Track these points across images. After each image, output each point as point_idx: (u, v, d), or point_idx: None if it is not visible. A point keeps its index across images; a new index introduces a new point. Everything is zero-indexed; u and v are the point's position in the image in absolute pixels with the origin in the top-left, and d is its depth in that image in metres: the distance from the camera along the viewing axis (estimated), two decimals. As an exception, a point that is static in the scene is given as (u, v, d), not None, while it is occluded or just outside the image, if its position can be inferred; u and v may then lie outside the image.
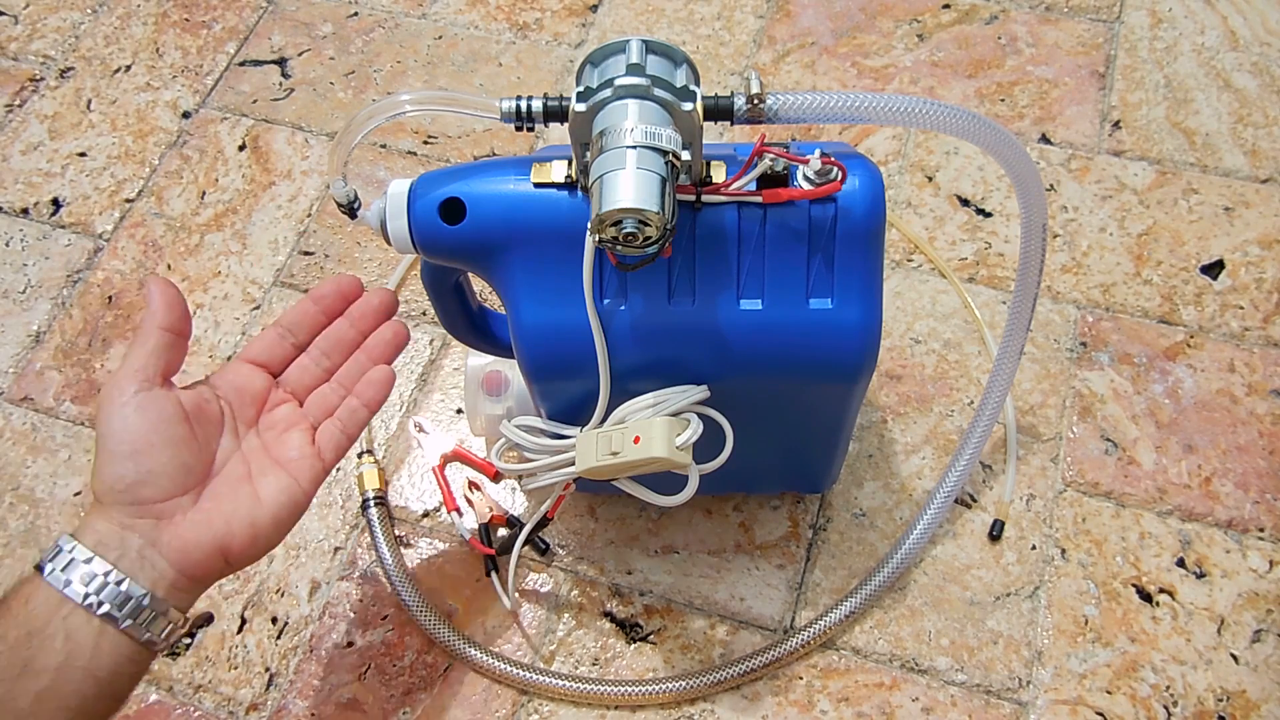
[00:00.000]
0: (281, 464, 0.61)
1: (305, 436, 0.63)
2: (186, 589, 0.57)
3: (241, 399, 0.63)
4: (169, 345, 0.59)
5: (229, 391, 0.62)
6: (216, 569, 0.58)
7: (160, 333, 0.59)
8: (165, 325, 0.59)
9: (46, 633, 0.53)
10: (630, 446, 0.60)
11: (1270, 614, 0.77)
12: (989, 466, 0.84)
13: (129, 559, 0.55)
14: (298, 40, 1.12)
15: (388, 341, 0.67)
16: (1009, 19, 1.08)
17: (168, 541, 0.56)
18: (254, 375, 0.64)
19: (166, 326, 0.59)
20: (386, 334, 0.67)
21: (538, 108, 0.57)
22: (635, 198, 0.51)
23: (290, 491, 0.60)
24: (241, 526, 0.58)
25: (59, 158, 1.06)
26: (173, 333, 0.60)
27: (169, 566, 0.56)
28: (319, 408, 0.65)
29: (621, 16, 1.11)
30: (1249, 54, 1.04)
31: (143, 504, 0.56)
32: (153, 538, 0.56)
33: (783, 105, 0.56)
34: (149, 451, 0.57)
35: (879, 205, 0.59)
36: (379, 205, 0.61)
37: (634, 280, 0.59)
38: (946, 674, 0.76)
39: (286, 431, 0.62)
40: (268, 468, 0.61)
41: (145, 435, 0.57)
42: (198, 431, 0.59)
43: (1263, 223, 0.94)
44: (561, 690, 0.76)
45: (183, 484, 0.58)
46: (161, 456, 0.57)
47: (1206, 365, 0.87)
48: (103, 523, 0.56)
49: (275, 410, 0.64)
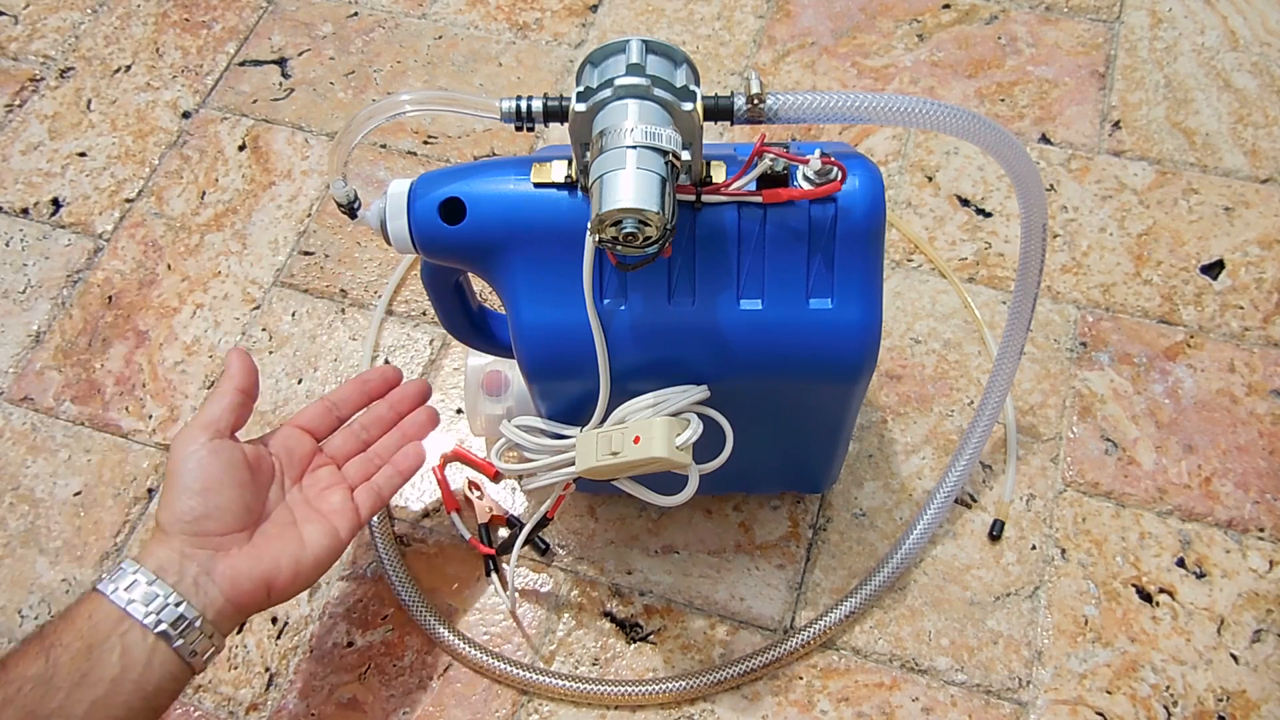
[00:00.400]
0: (323, 515, 0.69)
1: (345, 495, 0.71)
2: (230, 616, 0.63)
3: (290, 458, 0.71)
4: (240, 405, 0.68)
5: (280, 450, 0.71)
6: (260, 600, 0.65)
7: (235, 393, 0.68)
8: (240, 388, 0.68)
9: (105, 646, 0.58)
10: (630, 446, 0.60)
11: (1270, 614, 0.77)
12: (989, 466, 0.84)
13: (186, 583, 0.61)
14: (298, 40, 1.12)
15: (421, 424, 0.78)
16: (1009, 19, 1.08)
17: (222, 571, 0.63)
18: (302, 439, 0.73)
19: (241, 389, 0.68)
20: (421, 417, 0.78)
21: (538, 108, 0.57)
22: (635, 198, 0.51)
23: (331, 538, 0.68)
24: (287, 564, 0.65)
25: (59, 158, 1.06)
26: (244, 394, 0.68)
27: (219, 594, 0.62)
28: (356, 473, 0.73)
29: (621, 16, 1.11)
30: (1249, 54, 1.04)
31: (205, 535, 0.63)
32: (209, 567, 0.63)
33: (783, 105, 0.56)
34: (217, 490, 0.64)
35: (879, 205, 0.59)
36: (379, 205, 0.61)
37: (634, 280, 0.59)
38: (946, 674, 0.76)
39: (327, 489, 0.71)
40: (311, 517, 0.69)
41: (215, 476, 0.65)
42: (256, 479, 0.67)
43: (1263, 223, 0.94)
44: (561, 690, 0.76)
45: (241, 522, 0.65)
46: (227, 495, 0.65)
47: (1206, 365, 0.87)
48: (164, 550, 0.62)
49: (318, 471, 0.72)
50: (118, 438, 0.90)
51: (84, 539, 0.85)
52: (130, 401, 0.91)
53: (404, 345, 0.93)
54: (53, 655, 0.57)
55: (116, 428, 0.90)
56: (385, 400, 0.77)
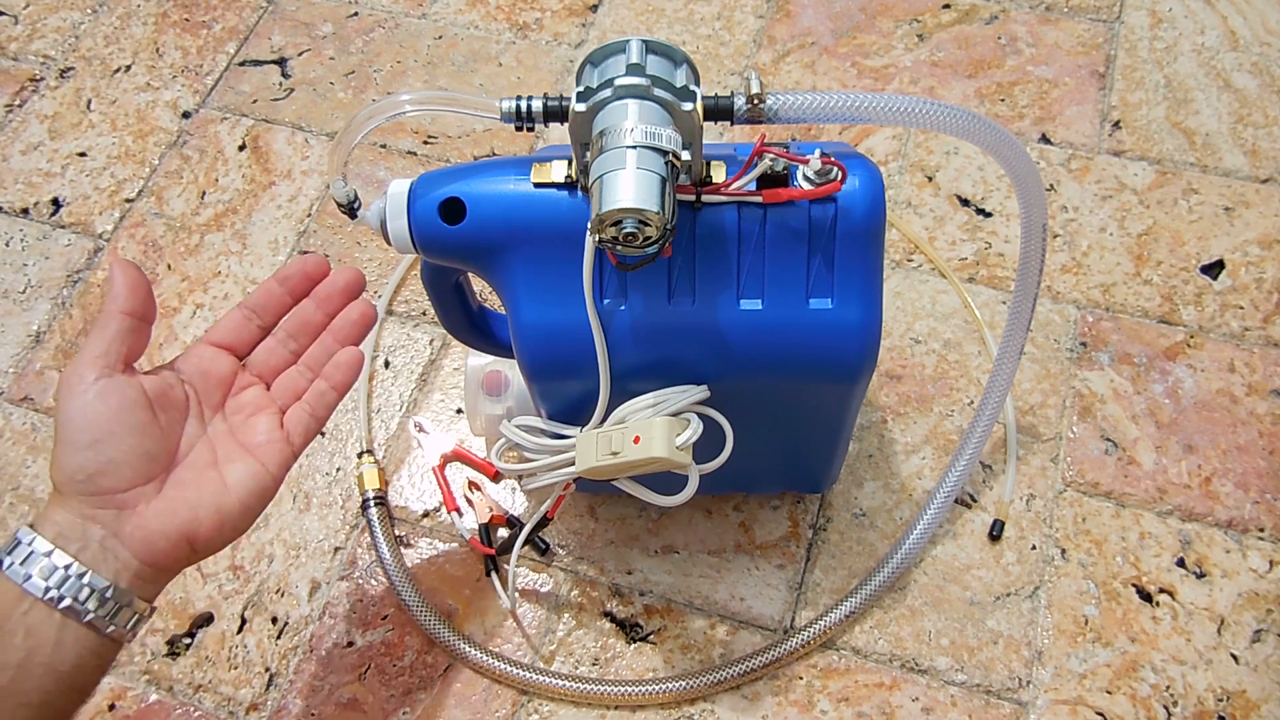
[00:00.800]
0: (249, 449, 0.60)
1: (273, 420, 0.61)
2: (151, 579, 0.56)
3: (206, 383, 0.61)
4: (131, 330, 0.57)
5: (193, 375, 0.61)
6: (182, 558, 0.57)
7: (122, 317, 0.57)
8: (127, 309, 0.57)
9: (6, 629, 0.52)
10: (630, 446, 0.60)
11: (1270, 614, 0.77)
12: (989, 466, 0.84)
13: (90, 551, 0.54)
14: (298, 40, 1.12)
15: (354, 322, 0.66)
16: (1009, 19, 1.08)
17: (130, 532, 0.55)
18: (219, 358, 0.62)
19: (129, 310, 0.57)
20: (353, 314, 0.66)
21: (538, 108, 0.57)
22: (635, 198, 0.51)
23: (258, 477, 0.59)
24: (208, 514, 0.57)
25: (59, 158, 1.06)
26: (135, 317, 0.58)
27: (132, 557, 0.55)
28: (287, 391, 0.63)
29: (621, 16, 1.11)
30: (1249, 54, 1.04)
31: (104, 494, 0.55)
32: (115, 528, 0.55)
33: (782, 105, 0.56)
34: (110, 440, 0.55)
35: (879, 205, 0.59)
36: (379, 205, 0.61)
37: (634, 280, 0.59)
38: (946, 674, 0.76)
39: (254, 416, 0.61)
40: (235, 453, 0.59)
41: (106, 423, 0.55)
42: (161, 418, 0.57)
43: (1263, 223, 0.94)
44: (561, 690, 0.76)
45: (145, 472, 0.56)
46: (123, 445, 0.55)
47: (1206, 365, 0.87)
48: (62, 514, 0.54)
49: (242, 394, 0.62)
50: (118, 438, 0.89)
51: (84, 539, 0.85)
52: (130, 401, 0.91)
53: (404, 345, 0.93)
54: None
55: (116, 428, 0.90)
56: (311, 298, 0.65)
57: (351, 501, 0.85)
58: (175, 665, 0.79)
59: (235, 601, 0.81)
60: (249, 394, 0.62)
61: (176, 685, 0.79)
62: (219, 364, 0.62)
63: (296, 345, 0.65)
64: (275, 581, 0.82)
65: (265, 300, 0.64)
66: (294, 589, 0.82)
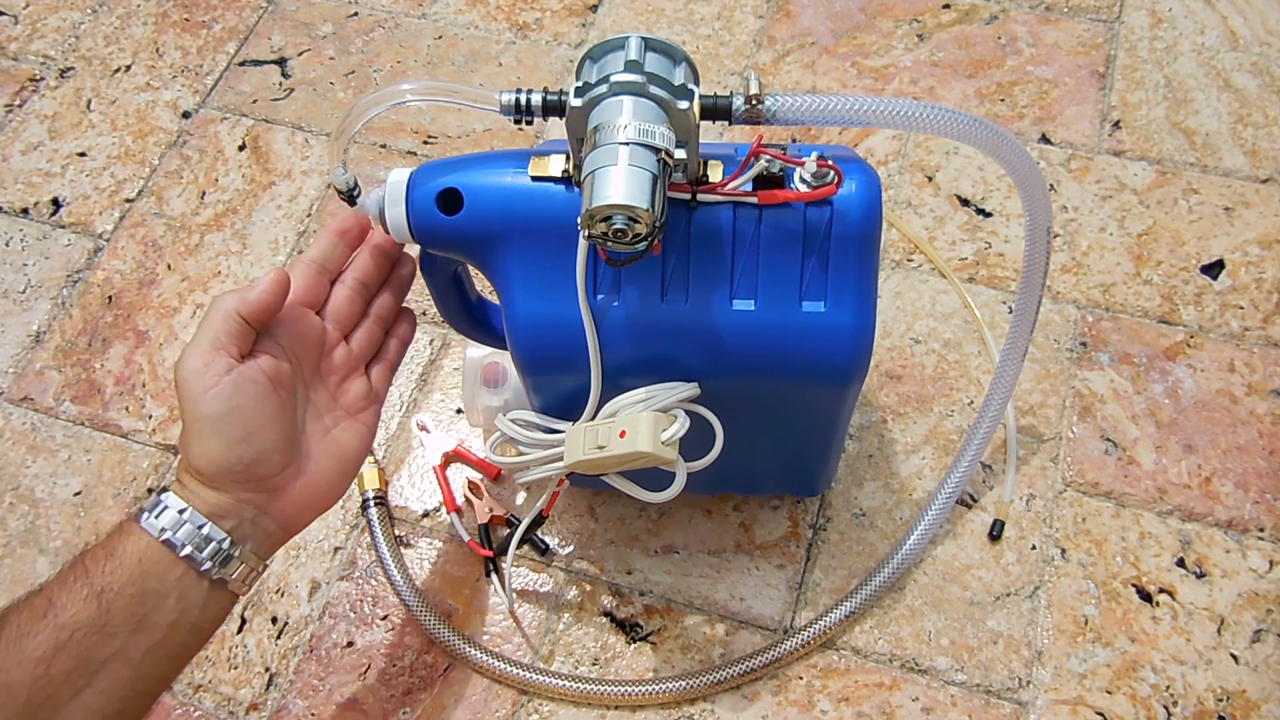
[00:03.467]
0: (351, 414, 0.64)
1: (364, 383, 0.65)
2: (281, 541, 0.61)
3: (304, 349, 0.62)
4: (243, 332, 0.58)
5: (292, 343, 0.61)
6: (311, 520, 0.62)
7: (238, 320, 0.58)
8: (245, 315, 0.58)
9: (160, 592, 0.55)
10: (616, 441, 0.60)
11: (1270, 614, 0.77)
12: (989, 466, 0.84)
13: (243, 528, 0.58)
14: (298, 40, 1.12)
15: (405, 277, 0.69)
16: (1009, 19, 1.08)
17: (280, 509, 0.60)
18: (309, 321, 0.63)
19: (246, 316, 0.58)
20: (404, 270, 0.68)
21: (536, 101, 0.57)
22: (625, 194, 0.51)
23: (363, 437, 0.64)
24: (336, 483, 0.62)
25: (59, 158, 1.06)
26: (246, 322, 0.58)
27: (278, 528, 0.60)
28: (366, 347, 0.66)
29: (621, 16, 1.11)
30: (1249, 54, 1.04)
31: (259, 479, 0.58)
32: (265, 507, 0.59)
33: (781, 106, 0.56)
34: (260, 433, 0.58)
35: (875, 210, 0.59)
36: (378, 194, 0.61)
37: (628, 276, 0.59)
38: (946, 674, 0.76)
39: (347, 380, 0.64)
40: (342, 419, 0.64)
41: (254, 416, 0.57)
42: (283, 396, 0.60)
43: (1263, 223, 0.94)
44: (561, 690, 0.76)
45: (290, 455, 0.60)
46: (271, 434, 0.58)
47: (1206, 365, 0.87)
48: (213, 495, 0.57)
49: (332, 356, 0.64)
50: (118, 438, 0.90)
51: (84, 539, 0.85)
52: (130, 401, 0.91)
53: (404, 345, 0.93)
54: (104, 600, 0.54)
55: (116, 428, 0.90)
56: (369, 254, 0.66)
57: (351, 501, 0.85)
58: (175, 665, 0.79)
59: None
60: (338, 354, 0.64)
61: (176, 685, 0.78)
62: (312, 327, 0.63)
63: (366, 293, 0.66)
64: (275, 581, 0.82)
65: (329, 252, 0.64)
66: (294, 589, 0.82)
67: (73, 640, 0.53)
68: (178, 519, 0.56)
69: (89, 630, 0.54)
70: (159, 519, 0.56)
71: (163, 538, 0.56)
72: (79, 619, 0.54)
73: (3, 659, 0.53)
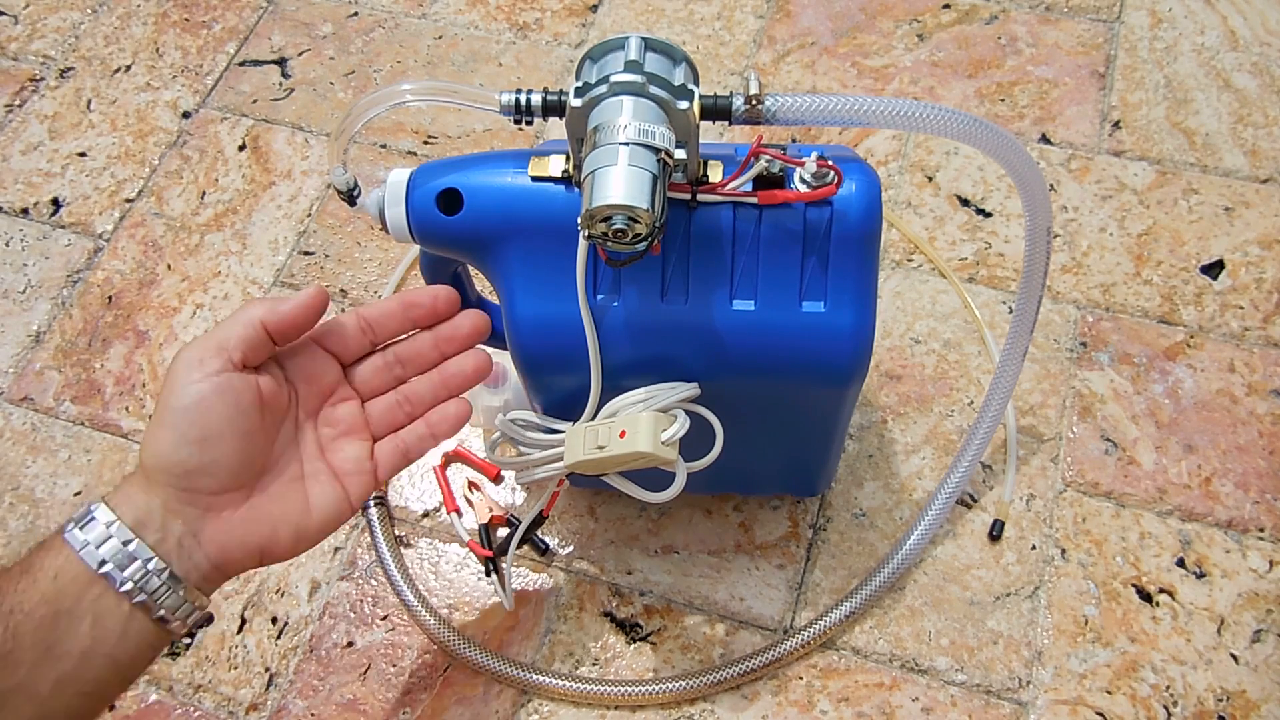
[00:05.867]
0: (336, 474, 0.59)
1: (364, 450, 0.60)
2: (214, 580, 0.55)
3: (309, 387, 0.60)
4: (261, 343, 0.56)
5: (299, 376, 0.59)
6: (249, 565, 0.56)
7: (258, 327, 0.56)
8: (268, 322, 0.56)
9: (74, 614, 0.50)
10: (616, 441, 0.60)
11: (1270, 614, 0.77)
12: (989, 466, 0.84)
13: (169, 544, 0.52)
14: (298, 40, 1.12)
15: (467, 373, 0.64)
16: (1009, 19, 1.08)
17: (210, 536, 0.54)
18: (327, 365, 0.60)
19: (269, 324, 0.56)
20: (468, 364, 0.64)
21: (536, 101, 0.57)
22: (625, 194, 0.51)
23: (340, 504, 0.58)
24: (287, 532, 0.57)
25: (59, 158, 1.06)
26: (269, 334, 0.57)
27: (205, 559, 0.54)
28: (382, 421, 0.62)
29: (621, 16, 1.11)
30: (1249, 54, 1.04)
31: (196, 491, 0.54)
32: (196, 528, 0.53)
33: (781, 107, 0.56)
34: (217, 440, 0.54)
35: (875, 210, 0.59)
36: (378, 194, 0.61)
37: (628, 276, 0.59)
38: (946, 674, 0.76)
39: (345, 437, 0.60)
40: (322, 474, 0.59)
41: (218, 422, 0.54)
42: (265, 420, 0.56)
43: (1263, 223, 0.94)
44: (561, 690, 0.76)
45: (240, 478, 0.55)
46: (229, 447, 0.54)
47: (1206, 365, 0.87)
48: (145, 498, 0.53)
49: (339, 406, 0.61)
50: (118, 438, 0.90)
51: (84, 539, 0.85)
52: (130, 401, 0.91)
53: (404, 345, 0.93)
54: (12, 623, 0.49)
55: (116, 428, 0.90)
56: (431, 333, 0.63)
57: (351, 501, 0.85)
58: (175, 665, 0.79)
59: (235, 602, 0.81)
60: (345, 409, 0.61)
61: (176, 685, 0.79)
62: (326, 371, 0.60)
63: (402, 372, 0.63)
64: (275, 581, 0.82)
65: (383, 318, 0.62)
66: (294, 589, 0.82)
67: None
68: (103, 532, 0.51)
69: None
70: (83, 531, 0.51)
71: (81, 551, 0.50)
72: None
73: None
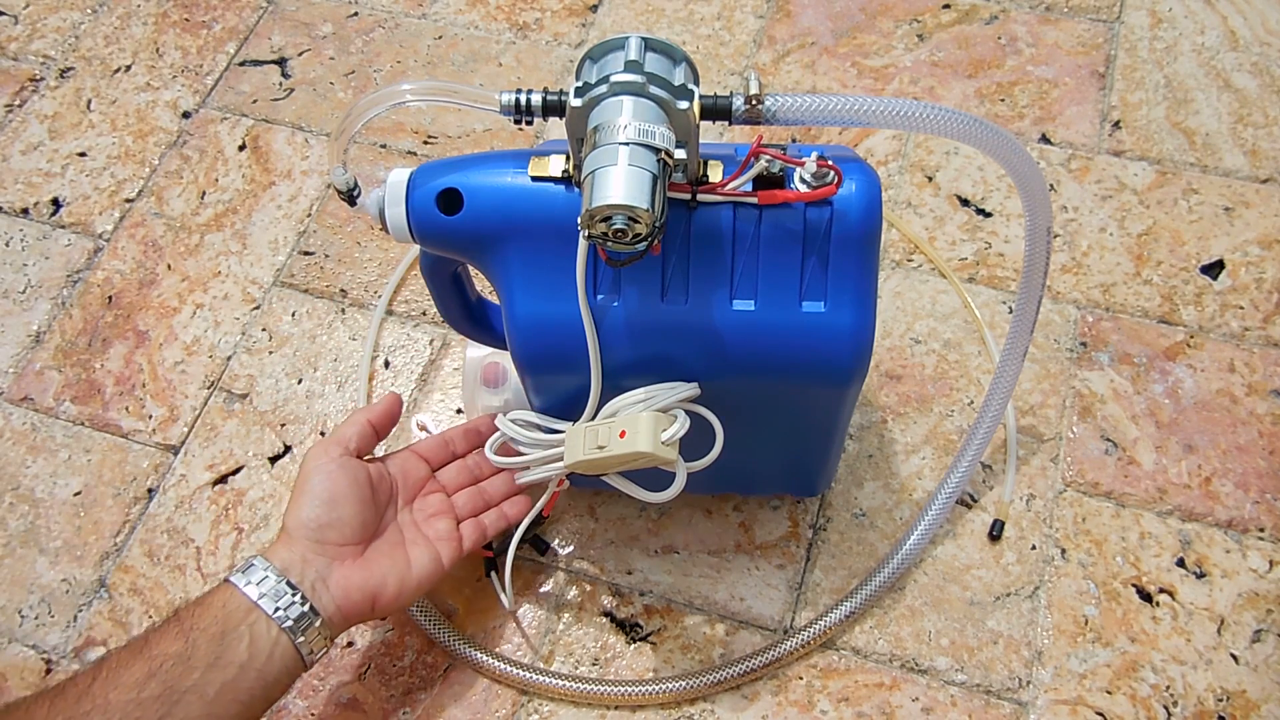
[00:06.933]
0: (429, 540, 0.73)
1: (451, 524, 0.74)
2: (339, 623, 0.67)
3: (406, 480, 0.75)
4: (369, 435, 0.73)
5: (398, 472, 0.75)
6: (364, 612, 0.68)
7: (368, 424, 0.73)
8: (373, 420, 0.74)
9: (236, 633, 0.63)
10: (616, 441, 0.60)
11: (1270, 614, 0.77)
12: (989, 466, 0.84)
13: (306, 585, 0.66)
14: (298, 40, 1.12)
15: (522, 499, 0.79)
16: (1009, 19, 1.08)
17: (336, 580, 0.67)
18: (419, 464, 0.76)
19: (374, 422, 0.74)
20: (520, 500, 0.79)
21: (536, 101, 0.57)
22: (625, 194, 0.51)
23: (434, 562, 0.71)
24: (393, 582, 0.69)
25: (59, 158, 1.06)
26: (374, 428, 0.74)
27: (331, 601, 0.67)
28: (464, 504, 0.76)
29: (621, 16, 1.11)
30: (1249, 54, 1.04)
31: (325, 544, 0.68)
32: (325, 574, 0.67)
33: (781, 107, 0.56)
34: (341, 503, 0.69)
35: (875, 210, 0.59)
36: (378, 194, 0.61)
37: (628, 276, 0.59)
38: (946, 674, 0.76)
39: (435, 516, 0.74)
40: (419, 540, 0.72)
41: (341, 489, 0.69)
42: (375, 498, 0.71)
43: (1263, 223, 0.94)
44: (561, 690, 0.76)
45: (358, 535, 0.69)
46: (349, 509, 0.69)
47: (1206, 365, 0.87)
48: (287, 552, 0.67)
49: (429, 496, 0.75)
50: (118, 438, 0.90)
51: (84, 539, 0.85)
52: (130, 401, 0.91)
53: (404, 345, 0.93)
54: (191, 637, 0.62)
55: (116, 428, 0.90)
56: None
57: (351, 501, 0.85)
58: (175, 665, 0.79)
59: (235, 601, 0.81)
60: (434, 498, 0.75)
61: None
62: (418, 469, 0.76)
63: (479, 473, 0.78)
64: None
65: (462, 439, 0.78)
66: (293, 589, 0.82)
67: (161, 669, 0.61)
68: (260, 575, 0.65)
69: (175, 661, 0.61)
70: (244, 575, 0.65)
71: (244, 588, 0.64)
72: (168, 651, 0.62)
73: (103, 686, 0.60)
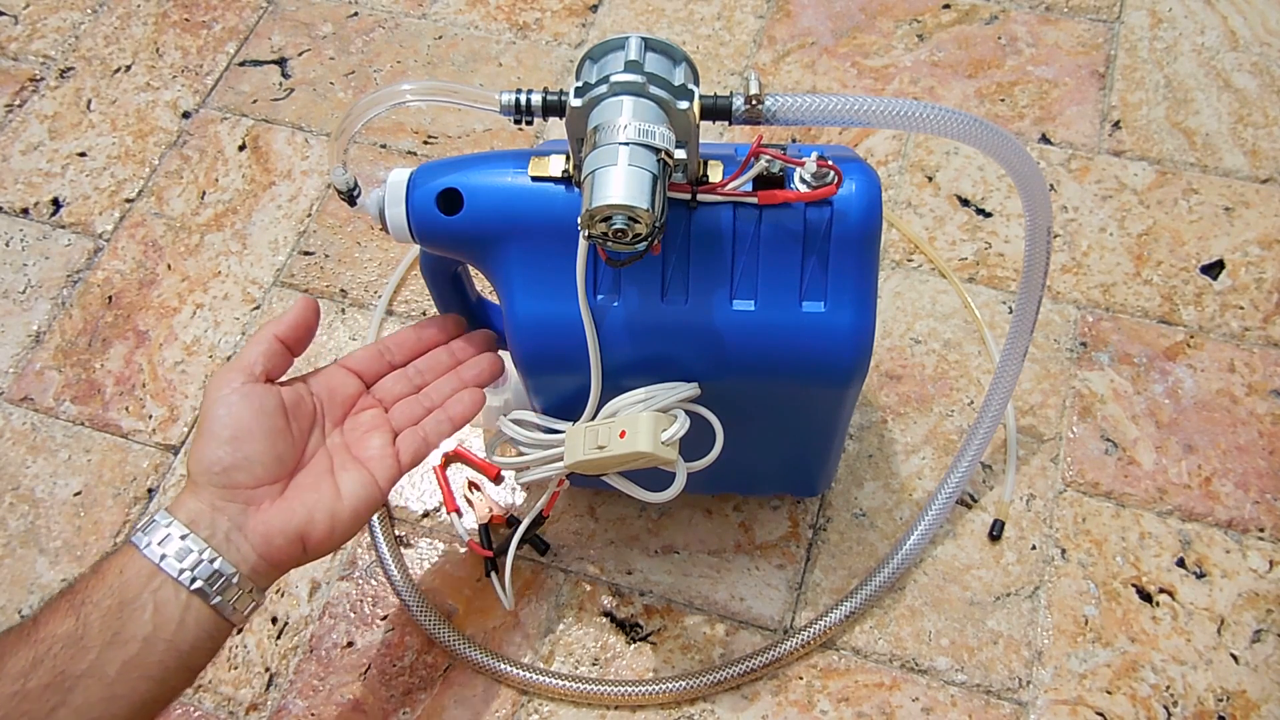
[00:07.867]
0: (362, 461, 0.64)
1: (386, 439, 0.66)
2: (265, 573, 0.60)
3: (333, 399, 0.66)
4: (277, 353, 0.64)
5: (322, 391, 0.66)
6: (294, 556, 0.61)
7: (273, 340, 0.64)
8: (280, 335, 0.64)
9: (137, 603, 0.55)
10: (616, 441, 0.60)
11: (1270, 614, 0.77)
12: (989, 466, 0.84)
13: (218, 539, 0.58)
14: (298, 40, 1.12)
15: (482, 370, 0.71)
16: (1009, 19, 1.08)
17: (253, 527, 0.59)
18: (348, 380, 0.68)
19: (281, 337, 0.64)
20: (483, 362, 0.71)
21: (537, 101, 0.57)
22: (625, 194, 0.51)
23: (368, 488, 0.63)
24: (322, 517, 0.61)
25: (59, 158, 1.06)
26: (283, 344, 0.64)
27: (251, 550, 0.59)
28: (403, 417, 0.68)
29: (621, 16, 1.11)
30: (1249, 54, 1.04)
31: (234, 488, 0.60)
32: (240, 522, 0.59)
33: (781, 107, 0.56)
34: (246, 439, 0.60)
35: (875, 210, 0.58)
36: (378, 194, 0.61)
37: (628, 277, 0.59)
38: (946, 674, 0.76)
39: (369, 433, 0.66)
40: (349, 463, 0.64)
41: (246, 423, 0.60)
42: (292, 425, 0.63)
43: (1263, 223, 0.94)
44: (561, 690, 0.76)
45: (274, 473, 0.61)
46: (258, 445, 0.60)
47: (1206, 365, 0.87)
48: (194, 502, 0.59)
49: (361, 413, 0.67)
50: (118, 438, 0.90)
51: (84, 539, 0.85)
52: (130, 401, 0.91)
53: (404, 345, 0.93)
54: (83, 613, 0.55)
55: (116, 428, 0.90)
56: (445, 347, 0.71)
57: (351, 501, 0.85)
58: (175, 665, 0.79)
59: (235, 601, 0.81)
60: (367, 414, 0.67)
61: (176, 685, 0.79)
62: (347, 384, 0.67)
63: (422, 380, 0.70)
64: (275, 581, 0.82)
65: (400, 342, 0.70)
66: (294, 589, 0.82)
67: (50, 654, 0.54)
68: (162, 533, 0.57)
69: (65, 644, 0.54)
70: (145, 534, 0.58)
71: (144, 549, 0.57)
72: (56, 633, 0.54)
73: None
